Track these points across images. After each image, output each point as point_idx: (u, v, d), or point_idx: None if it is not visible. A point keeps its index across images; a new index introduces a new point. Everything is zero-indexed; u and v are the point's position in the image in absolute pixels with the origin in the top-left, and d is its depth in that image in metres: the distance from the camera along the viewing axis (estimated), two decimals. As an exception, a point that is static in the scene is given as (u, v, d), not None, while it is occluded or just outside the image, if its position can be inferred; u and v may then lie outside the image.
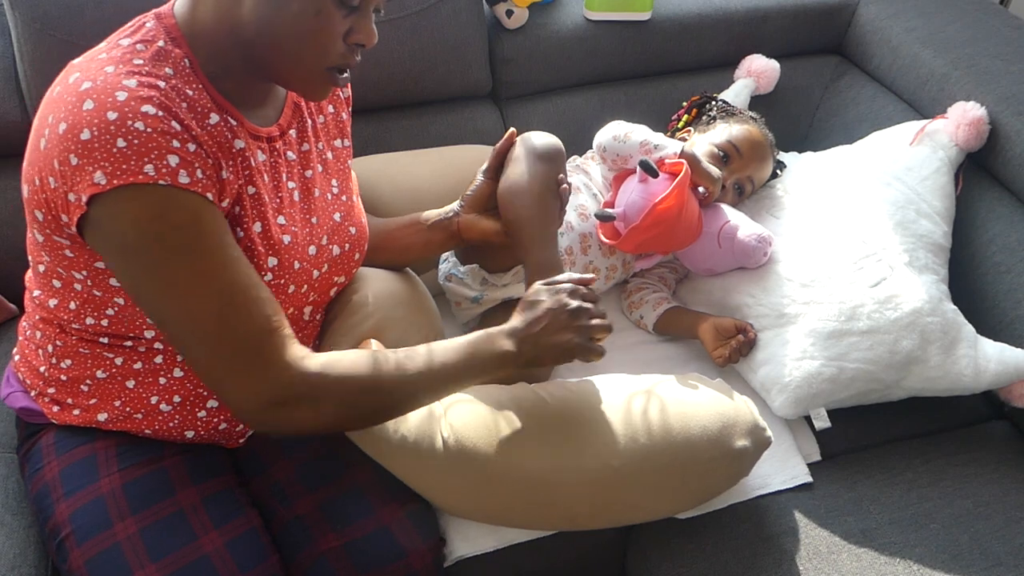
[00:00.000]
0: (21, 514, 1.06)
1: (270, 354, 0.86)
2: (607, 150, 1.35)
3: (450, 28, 1.48)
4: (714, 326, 1.30)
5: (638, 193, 1.27)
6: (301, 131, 1.03)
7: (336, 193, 1.07)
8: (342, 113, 1.11)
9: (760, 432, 1.11)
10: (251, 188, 0.93)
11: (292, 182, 1.00)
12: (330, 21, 0.85)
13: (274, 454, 1.10)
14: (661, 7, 1.62)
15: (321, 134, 1.07)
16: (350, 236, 1.08)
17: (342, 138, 1.11)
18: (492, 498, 1.06)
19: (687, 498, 1.11)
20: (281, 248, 0.95)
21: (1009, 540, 1.13)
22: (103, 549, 0.95)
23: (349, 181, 1.12)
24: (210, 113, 0.88)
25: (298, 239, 0.99)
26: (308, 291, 1.02)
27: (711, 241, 1.31)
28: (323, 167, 1.06)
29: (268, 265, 0.94)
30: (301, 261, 0.99)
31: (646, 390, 1.11)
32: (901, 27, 1.61)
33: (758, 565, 1.11)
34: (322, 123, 1.08)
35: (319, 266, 1.02)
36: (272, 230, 0.94)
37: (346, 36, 0.88)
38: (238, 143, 0.91)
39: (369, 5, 0.88)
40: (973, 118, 1.38)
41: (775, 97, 1.68)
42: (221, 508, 1.01)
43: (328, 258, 1.04)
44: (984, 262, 1.38)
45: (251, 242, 0.92)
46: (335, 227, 1.05)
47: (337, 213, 1.06)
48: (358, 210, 1.12)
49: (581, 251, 1.34)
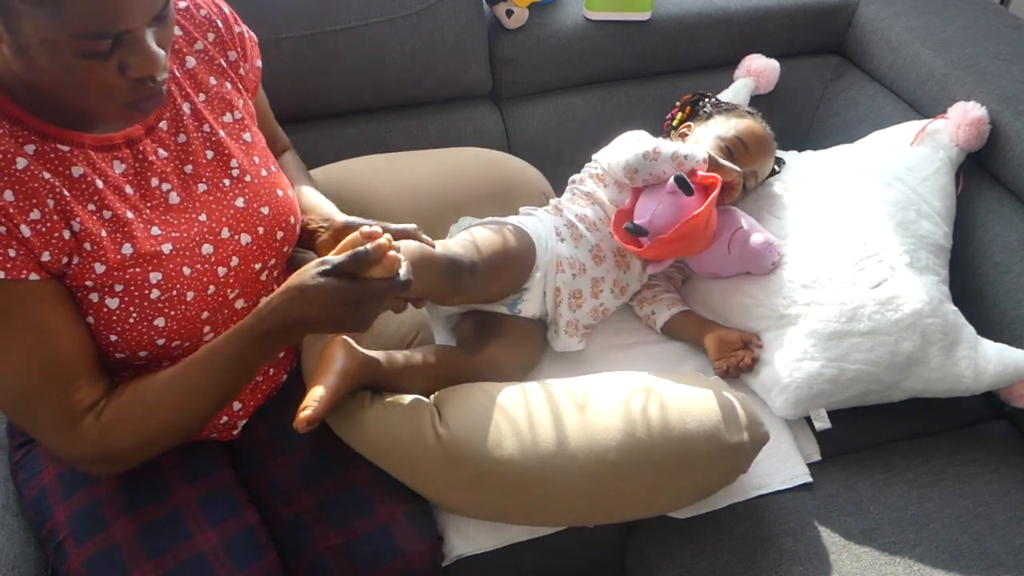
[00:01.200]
0: (21, 515, 1.06)
1: (66, 430, 0.88)
2: (639, 171, 1.28)
3: (450, 28, 1.48)
4: (719, 338, 1.30)
5: (667, 205, 1.25)
6: (174, 121, 0.96)
7: (237, 176, 1.00)
8: (226, 83, 1.02)
9: (757, 427, 1.11)
10: (106, 212, 0.88)
11: (166, 183, 0.94)
12: (88, 71, 0.77)
13: (273, 451, 1.10)
14: (661, 7, 1.62)
15: (206, 114, 0.99)
16: (263, 218, 1.01)
17: (232, 110, 1.02)
18: (489, 494, 1.06)
19: (685, 493, 1.11)
20: (162, 260, 0.91)
21: (1009, 540, 1.13)
22: (100, 549, 0.96)
23: (254, 152, 1.03)
24: (23, 148, 0.83)
25: (183, 243, 0.94)
26: (220, 290, 0.98)
27: (722, 247, 1.31)
28: (215, 152, 0.99)
29: (151, 282, 0.90)
30: (192, 265, 0.94)
31: (644, 387, 1.11)
32: (901, 27, 1.61)
33: (758, 565, 1.11)
34: (203, 101, 0.99)
35: (225, 262, 0.98)
36: (145, 245, 0.90)
37: (123, 72, 0.79)
38: (75, 170, 0.86)
39: (132, 36, 0.77)
40: (973, 118, 1.38)
41: (775, 97, 1.68)
42: (217, 506, 1.01)
43: (236, 249, 0.99)
44: (984, 262, 1.38)
45: (119, 270, 0.88)
46: (239, 214, 0.99)
47: (239, 199, 1.00)
48: (273, 183, 1.04)
49: (592, 295, 1.31)
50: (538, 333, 1.31)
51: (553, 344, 1.30)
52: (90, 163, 0.88)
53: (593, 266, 1.31)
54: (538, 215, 1.35)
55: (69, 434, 0.88)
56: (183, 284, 0.93)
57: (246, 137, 1.03)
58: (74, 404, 0.87)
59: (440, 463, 1.04)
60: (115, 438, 0.89)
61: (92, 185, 0.87)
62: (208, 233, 0.96)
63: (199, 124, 0.98)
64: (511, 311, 1.27)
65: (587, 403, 1.09)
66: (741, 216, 1.34)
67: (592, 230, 1.33)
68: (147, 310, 0.90)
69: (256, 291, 1.05)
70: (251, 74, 1.08)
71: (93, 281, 0.87)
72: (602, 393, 1.11)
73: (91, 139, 0.88)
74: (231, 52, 1.03)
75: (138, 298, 0.90)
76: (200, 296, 0.95)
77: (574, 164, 1.48)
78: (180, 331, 0.94)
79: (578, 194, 1.39)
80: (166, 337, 0.93)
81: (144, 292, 0.90)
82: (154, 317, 0.91)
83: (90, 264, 0.86)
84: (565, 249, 1.29)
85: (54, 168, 0.85)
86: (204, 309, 0.96)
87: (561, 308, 1.28)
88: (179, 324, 0.94)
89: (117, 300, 0.89)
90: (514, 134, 1.62)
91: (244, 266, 1.00)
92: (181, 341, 0.95)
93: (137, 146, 0.92)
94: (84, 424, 0.88)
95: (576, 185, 1.42)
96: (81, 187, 0.86)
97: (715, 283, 1.37)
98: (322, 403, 1.00)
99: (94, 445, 0.88)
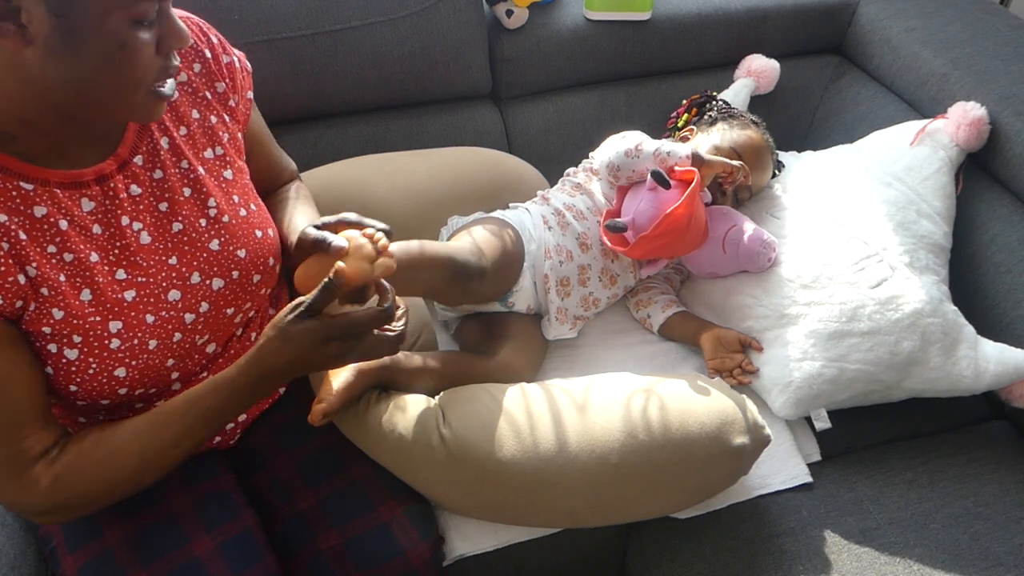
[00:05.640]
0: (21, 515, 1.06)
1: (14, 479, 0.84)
2: (621, 168, 1.29)
3: (450, 28, 1.48)
4: (716, 336, 1.30)
5: (648, 202, 1.26)
6: (151, 156, 0.92)
7: (214, 216, 0.96)
8: (211, 116, 0.98)
9: (759, 430, 1.11)
10: (67, 255, 0.84)
11: (138, 222, 0.90)
12: (137, 46, 0.77)
13: (274, 450, 1.10)
14: (661, 7, 1.62)
15: (185, 150, 0.95)
16: (238, 261, 0.97)
17: (214, 145, 0.98)
18: (491, 495, 1.06)
19: (686, 496, 1.11)
20: (122, 308, 0.88)
21: (1009, 540, 1.13)
22: (95, 556, 0.96)
23: (233, 191, 0.99)
24: None
25: (148, 289, 0.90)
26: (187, 336, 0.94)
27: (716, 246, 1.31)
28: (192, 190, 0.95)
29: (110, 331, 0.87)
30: (156, 312, 0.91)
31: (645, 388, 1.11)
32: (901, 27, 1.61)
33: (758, 565, 1.11)
34: (184, 136, 0.96)
35: (193, 308, 0.94)
36: (106, 291, 0.87)
37: (159, 48, 0.80)
38: (38, 210, 0.82)
39: (164, 8, 0.79)
40: (973, 118, 1.38)
41: (775, 97, 1.68)
42: (214, 510, 1.01)
43: (206, 295, 0.95)
44: (984, 262, 1.38)
45: (78, 317, 0.85)
46: (212, 258, 0.95)
47: (215, 241, 0.96)
48: (251, 223, 1.00)
49: (579, 283, 1.31)
50: (541, 331, 1.32)
51: (545, 332, 1.31)
52: (55, 202, 0.84)
53: (580, 254, 1.31)
54: (524, 207, 1.37)
55: (16, 482, 0.84)
56: (145, 332, 0.89)
57: (227, 174, 0.99)
58: (23, 451, 0.83)
59: (443, 463, 1.04)
60: (71, 485, 0.85)
61: (55, 226, 0.83)
62: (176, 278, 0.93)
63: (177, 160, 0.94)
64: (503, 305, 1.28)
65: (588, 404, 1.09)
66: (735, 214, 1.34)
67: (579, 219, 1.33)
68: (107, 360, 0.87)
69: (229, 335, 1.02)
70: (241, 105, 1.03)
71: (51, 328, 0.84)
72: (603, 394, 1.11)
73: (58, 176, 0.84)
74: (219, 83, 0.99)
75: (97, 348, 0.86)
76: (164, 344, 0.92)
77: (574, 164, 1.48)
78: (143, 380, 0.91)
79: (568, 185, 1.41)
80: (128, 386, 0.90)
81: (103, 342, 0.86)
82: (115, 367, 0.88)
83: (47, 309, 0.83)
84: (552, 237, 1.30)
85: (13, 208, 0.81)
86: (169, 356, 0.93)
87: (551, 295, 1.28)
88: (142, 373, 0.90)
89: (76, 351, 0.85)
90: (514, 134, 1.62)
91: (215, 311, 0.97)
92: (145, 389, 0.93)
93: (108, 183, 0.88)
94: (35, 472, 0.84)
95: (568, 177, 1.44)
96: (42, 228, 0.83)
97: (714, 283, 1.37)
98: (337, 397, 1.01)
99: (46, 493, 0.84)
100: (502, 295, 1.27)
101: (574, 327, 1.32)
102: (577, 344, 1.35)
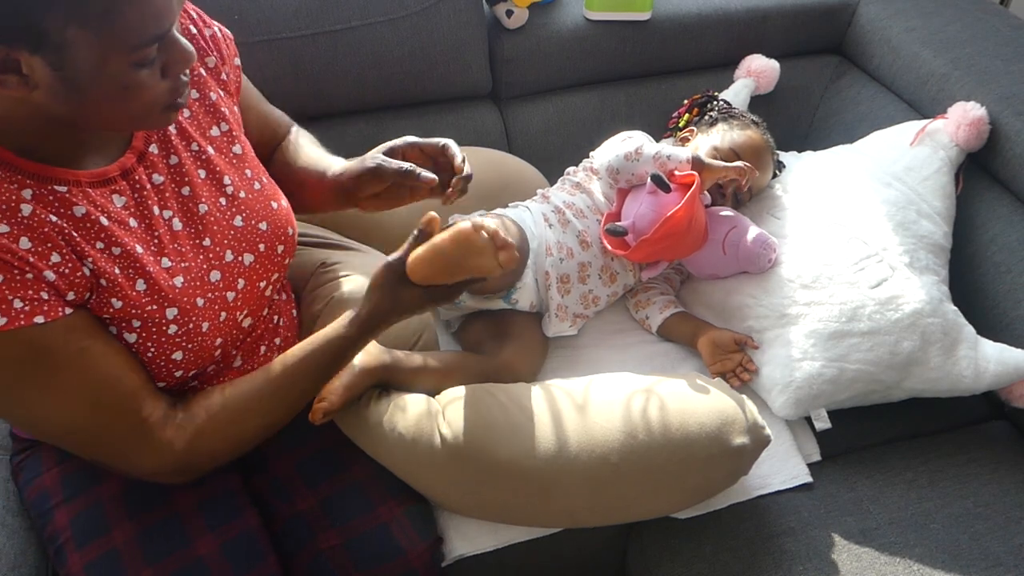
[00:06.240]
0: (22, 515, 1.06)
1: (145, 446, 0.88)
2: (620, 172, 1.30)
3: (450, 28, 1.48)
4: (712, 340, 1.30)
5: (648, 205, 1.26)
6: (164, 143, 0.93)
7: (231, 193, 0.97)
8: (210, 94, 0.98)
9: (759, 430, 1.11)
10: (115, 249, 0.85)
11: (168, 210, 0.92)
12: (141, 86, 0.76)
13: (275, 450, 1.10)
14: (661, 7, 1.62)
15: (192, 132, 0.96)
16: (262, 234, 0.99)
17: (219, 122, 0.98)
18: (491, 495, 1.06)
19: (686, 496, 1.11)
20: (175, 294, 0.89)
21: (1009, 540, 1.13)
22: (101, 553, 0.96)
23: (245, 166, 1.00)
24: (21, 193, 0.79)
25: (193, 273, 0.92)
26: (231, 314, 0.96)
27: (716, 248, 1.31)
28: (207, 171, 0.96)
29: (168, 318, 0.88)
30: (204, 295, 0.92)
31: (645, 388, 1.11)
32: (901, 27, 1.61)
33: (758, 565, 1.11)
34: (188, 118, 0.96)
35: (232, 286, 0.96)
36: (159, 280, 0.88)
37: (164, 73, 0.79)
38: (78, 210, 0.83)
39: (168, 36, 0.77)
40: (973, 118, 1.38)
41: (775, 97, 1.68)
42: (218, 511, 1.01)
43: (241, 271, 0.97)
44: (984, 262, 1.38)
45: (136, 307, 0.86)
46: (239, 234, 0.97)
47: (238, 217, 0.97)
48: (267, 195, 1.01)
49: (579, 280, 1.32)
50: (542, 331, 1.32)
51: (545, 329, 1.31)
52: (90, 201, 0.84)
53: (580, 251, 1.32)
54: (525, 205, 1.37)
55: (150, 448, 0.88)
56: (198, 316, 0.91)
57: (236, 150, 1.00)
58: (146, 418, 0.87)
59: (443, 463, 1.04)
60: (204, 445, 0.90)
61: (97, 223, 0.84)
62: (214, 259, 0.94)
63: (187, 144, 0.95)
64: (507, 302, 1.28)
65: (589, 404, 1.09)
66: (735, 216, 1.34)
67: (579, 217, 1.34)
68: (164, 345, 0.89)
69: (261, 307, 1.04)
70: (232, 75, 1.03)
71: (110, 315, 0.85)
72: (603, 394, 1.11)
73: (86, 176, 0.85)
74: (209, 58, 0.99)
75: (156, 333, 0.88)
76: (214, 324, 0.94)
77: (574, 164, 1.48)
78: (197, 361, 0.93)
79: (568, 184, 1.41)
80: (183, 368, 0.92)
81: (162, 328, 0.88)
82: (172, 351, 0.90)
83: (107, 299, 0.85)
84: (552, 234, 1.31)
85: (57, 210, 0.82)
86: (217, 336, 0.95)
87: (551, 292, 1.28)
88: (196, 355, 0.92)
89: (135, 335, 0.87)
90: (514, 134, 1.62)
91: (250, 286, 0.99)
92: (197, 370, 0.95)
93: (132, 176, 0.89)
94: (166, 435, 0.88)
95: (568, 176, 1.44)
96: (86, 226, 0.84)
97: (715, 283, 1.37)
98: (338, 396, 1.02)
99: (182, 453, 0.89)
100: (507, 289, 1.27)
101: (574, 324, 1.32)
102: (577, 344, 1.35)
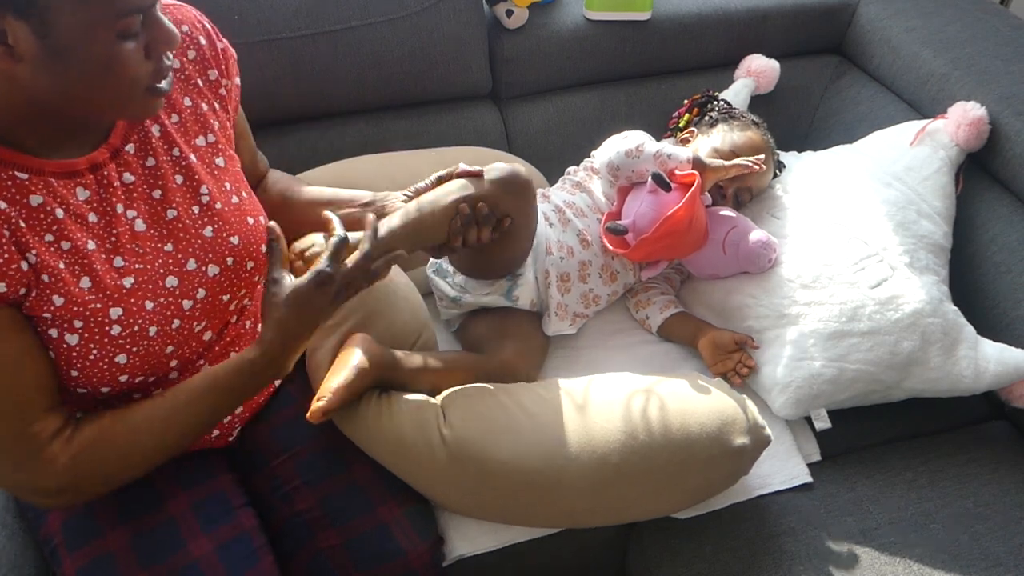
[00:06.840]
0: (22, 516, 1.06)
1: (27, 459, 0.85)
2: (621, 168, 1.30)
3: (450, 28, 1.48)
4: (712, 341, 1.30)
5: (648, 204, 1.26)
6: (142, 144, 0.92)
7: (207, 203, 0.96)
8: (202, 104, 0.98)
9: (759, 430, 1.11)
10: (65, 243, 0.84)
11: (132, 210, 0.91)
12: (125, 60, 0.77)
13: (275, 450, 1.10)
14: (661, 7, 1.62)
15: (176, 138, 0.95)
16: (232, 247, 0.98)
17: (206, 133, 0.98)
18: (491, 495, 1.06)
19: (686, 496, 1.11)
20: (121, 294, 0.88)
21: (1009, 540, 1.13)
22: (94, 558, 0.96)
23: (225, 178, 1.00)
24: None
25: (146, 276, 0.90)
26: (185, 323, 0.94)
27: (716, 248, 1.31)
28: (184, 177, 0.95)
29: (111, 318, 0.87)
30: (155, 299, 0.91)
31: (645, 388, 1.11)
32: (901, 27, 1.61)
33: (758, 565, 1.11)
34: (176, 123, 0.96)
35: (191, 295, 0.94)
36: (105, 279, 0.87)
37: (148, 53, 0.80)
38: (33, 199, 0.82)
39: (151, 13, 0.78)
40: (973, 118, 1.38)
41: (775, 97, 1.68)
42: (212, 512, 1.01)
43: (203, 281, 0.95)
44: (984, 262, 1.38)
45: (78, 304, 0.85)
46: (207, 244, 0.96)
47: (209, 227, 0.96)
48: (244, 210, 1.01)
49: (579, 279, 1.32)
50: (542, 331, 1.32)
51: (545, 328, 1.31)
52: (50, 191, 0.84)
53: (581, 250, 1.32)
54: None
55: (31, 462, 0.84)
56: (145, 319, 0.90)
57: (218, 162, 0.99)
58: (35, 433, 0.84)
59: (444, 463, 1.04)
60: (90, 463, 0.87)
61: (51, 214, 0.83)
62: (173, 265, 0.93)
63: (168, 148, 0.94)
64: (508, 299, 1.28)
65: (589, 405, 1.09)
66: (735, 216, 1.34)
67: (579, 216, 1.34)
68: (108, 346, 0.87)
69: (225, 322, 1.03)
70: (233, 92, 1.04)
71: (51, 314, 0.84)
72: (603, 395, 1.11)
73: (52, 165, 0.84)
74: (212, 71, 0.99)
75: (98, 334, 0.86)
76: (164, 330, 0.92)
77: (574, 164, 1.48)
78: (143, 366, 0.91)
79: (568, 183, 1.41)
80: (128, 373, 0.90)
81: (104, 328, 0.87)
82: (115, 353, 0.88)
83: (48, 296, 0.83)
84: (553, 233, 1.31)
85: (10, 197, 0.81)
86: (168, 343, 0.93)
87: (551, 290, 1.28)
88: (142, 360, 0.91)
89: (77, 336, 0.85)
90: (514, 134, 1.62)
91: (212, 298, 0.97)
92: (145, 376, 0.93)
93: (101, 171, 0.88)
94: (51, 451, 0.85)
95: (568, 176, 1.44)
96: (38, 217, 0.83)
97: (715, 283, 1.37)
98: (337, 395, 1.01)
99: (64, 471, 0.85)
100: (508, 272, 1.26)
101: (574, 323, 1.32)
102: (577, 345, 1.35)
